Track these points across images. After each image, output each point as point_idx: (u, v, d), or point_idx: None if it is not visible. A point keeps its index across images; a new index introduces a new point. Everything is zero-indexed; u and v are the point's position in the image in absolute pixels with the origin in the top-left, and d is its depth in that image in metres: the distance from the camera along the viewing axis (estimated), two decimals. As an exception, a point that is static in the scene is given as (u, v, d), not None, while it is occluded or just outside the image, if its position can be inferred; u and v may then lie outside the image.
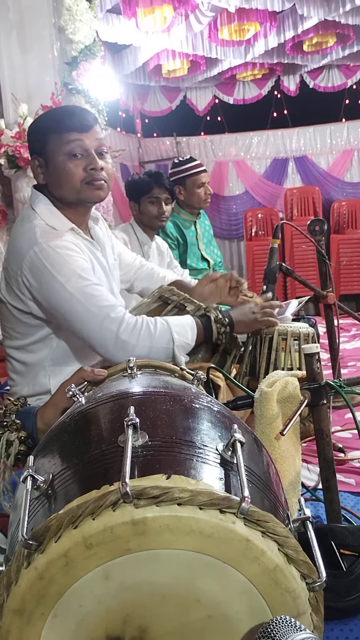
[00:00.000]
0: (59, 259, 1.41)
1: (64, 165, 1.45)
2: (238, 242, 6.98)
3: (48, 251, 1.41)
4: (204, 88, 6.99)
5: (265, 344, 1.66)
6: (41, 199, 1.52)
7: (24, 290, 1.45)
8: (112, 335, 1.40)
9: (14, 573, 0.61)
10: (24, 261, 1.42)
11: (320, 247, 2.17)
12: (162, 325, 1.45)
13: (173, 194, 2.75)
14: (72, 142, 1.44)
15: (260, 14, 4.91)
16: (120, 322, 1.42)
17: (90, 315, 1.41)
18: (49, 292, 1.41)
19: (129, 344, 1.40)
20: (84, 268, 1.45)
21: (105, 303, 1.43)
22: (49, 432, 0.86)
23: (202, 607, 0.63)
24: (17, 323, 1.52)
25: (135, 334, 1.41)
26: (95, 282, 1.46)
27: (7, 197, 3.72)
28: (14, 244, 1.49)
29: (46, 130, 1.47)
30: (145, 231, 2.73)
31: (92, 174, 1.47)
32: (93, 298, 1.41)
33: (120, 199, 6.00)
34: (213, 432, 0.73)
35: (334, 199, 6.52)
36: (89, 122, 1.48)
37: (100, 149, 1.49)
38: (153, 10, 4.54)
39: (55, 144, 1.46)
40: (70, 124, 1.45)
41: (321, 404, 1.19)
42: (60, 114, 1.52)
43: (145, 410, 0.74)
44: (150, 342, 1.42)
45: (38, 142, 1.49)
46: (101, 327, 1.41)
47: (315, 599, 0.67)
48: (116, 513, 0.59)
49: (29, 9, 3.49)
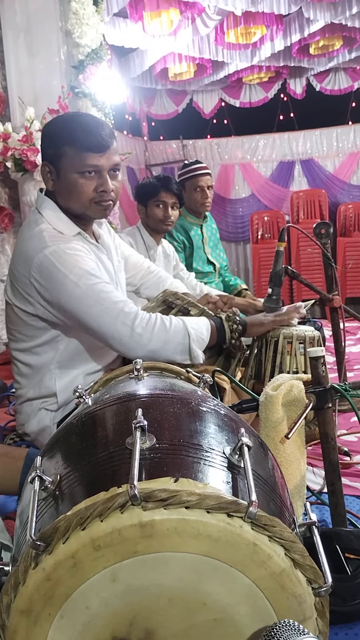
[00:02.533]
0: (69, 259, 1.43)
1: (75, 182, 1.45)
2: (244, 244, 6.98)
3: (59, 252, 1.43)
4: (210, 91, 7.00)
5: (270, 347, 1.66)
6: (48, 203, 1.53)
7: (33, 293, 1.45)
8: (127, 329, 1.42)
9: (22, 573, 0.61)
10: (32, 264, 1.43)
11: (326, 250, 2.17)
12: (178, 322, 1.47)
13: (181, 199, 2.75)
14: (87, 163, 1.44)
15: (267, 17, 4.91)
16: (135, 316, 1.43)
17: (105, 311, 1.42)
18: (60, 292, 1.42)
19: (144, 337, 1.42)
20: (93, 268, 1.47)
21: (118, 299, 1.45)
22: (56, 433, 0.86)
23: (209, 610, 0.63)
24: (23, 325, 1.52)
25: (149, 328, 1.43)
26: (106, 281, 1.48)
27: (13, 200, 3.74)
28: (21, 247, 1.50)
29: (62, 143, 1.46)
30: (152, 235, 2.74)
31: (101, 195, 1.47)
32: (105, 294, 1.43)
33: (127, 202, 6.01)
34: (220, 435, 0.73)
35: (341, 201, 6.50)
36: (106, 142, 1.46)
37: (115, 168, 1.49)
38: (159, 13, 4.55)
39: (69, 160, 1.45)
40: (88, 143, 1.44)
41: (326, 408, 1.19)
42: (79, 129, 1.46)
43: (152, 412, 0.74)
44: (165, 336, 1.43)
45: (52, 151, 1.48)
46: (116, 321, 1.42)
47: (321, 604, 0.67)
48: (124, 515, 0.60)
49: (36, 12, 3.51)
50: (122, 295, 1.49)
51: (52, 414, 1.55)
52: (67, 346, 1.54)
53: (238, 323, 1.56)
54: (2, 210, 3.63)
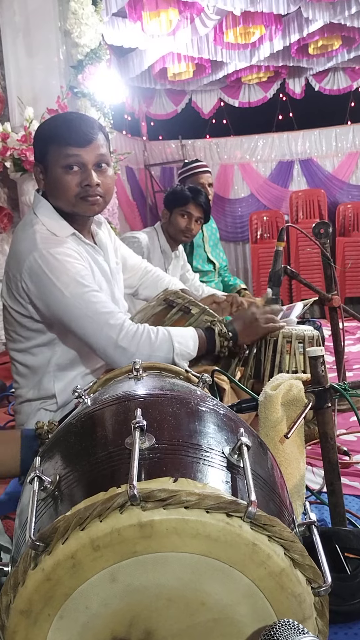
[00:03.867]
0: (58, 266, 1.41)
1: (60, 178, 1.45)
2: (243, 244, 6.99)
3: (47, 257, 1.41)
4: (209, 91, 7.00)
5: (270, 347, 1.66)
6: (43, 204, 1.52)
7: (23, 295, 1.45)
8: (111, 342, 1.41)
9: (21, 574, 0.61)
10: (23, 266, 1.42)
11: (325, 249, 2.17)
12: (164, 334, 1.45)
13: (207, 216, 2.76)
14: (70, 156, 1.43)
15: (266, 17, 4.91)
16: (120, 329, 1.41)
17: (90, 322, 1.41)
18: (48, 298, 1.42)
19: (129, 351, 1.40)
20: (83, 275, 1.44)
21: (104, 310, 1.43)
22: (55, 433, 0.86)
23: (208, 610, 0.63)
24: (19, 326, 1.52)
25: (135, 342, 1.41)
26: (95, 289, 1.45)
27: (13, 200, 3.74)
28: (15, 248, 1.50)
29: (47, 140, 1.47)
30: (168, 241, 2.74)
31: (86, 190, 1.46)
32: (92, 304, 1.41)
33: (126, 203, 6.02)
34: (219, 435, 0.73)
35: (340, 201, 6.51)
36: (89, 135, 1.45)
37: (100, 163, 1.48)
38: (158, 13, 4.55)
39: (54, 156, 1.45)
40: (69, 137, 1.44)
41: (326, 407, 1.19)
42: (61, 125, 1.48)
43: (151, 412, 0.74)
44: (150, 350, 1.41)
45: (39, 150, 1.50)
46: (100, 333, 1.41)
47: (321, 604, 0.67)
48: (123, 515, 0.60)
49: (35, 12, 3.52)
50: (111, 305, 1.47)
51: (51, 414, 1.55)
52: (64, 348, 1.53)
53: (229, 337, 1.54)
54: (1, 211, 3.64)
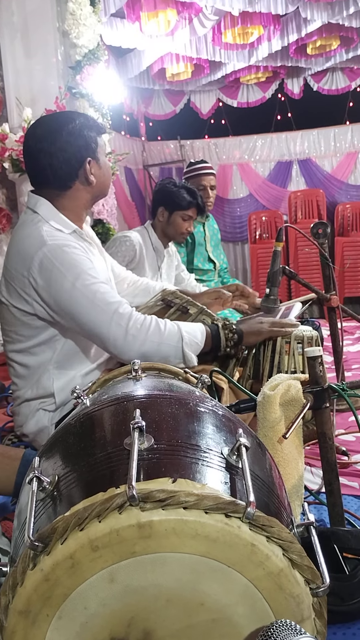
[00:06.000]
0: (67, 258, 1.44)
1: (106, 164, 1.63)
2: (242, 244, 6.98)
3: (57, 251, 1.44)
4: (207, 91, 7.00)
5: (268, 347, 1.66)
6: (43, 202, 1.54)
7: (31, 292, 1.46)
8: (121, 330, 1.42)
9: (20, 574, 0.61)
10: (32, 263, 1.43)
11: (324, 249, 2.17)
12: (172, 325, 1.49)
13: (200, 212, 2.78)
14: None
15: (264, 17, 4.92)
16: (129, 317, 1.44)
17: (99, 312, 1.43)
18: (57, 291, 1.43)
19: (138, 339, 1.42)
20: (90, 267, 1.48)
21: (113, 300, 1.46)
22: (54, 434, 0.86)
23: (207, 610, 0.63)
24: (20, 325, 1.52)
25: (144, 330, 1.43)
26: (101, 281, 1.49)
27: (11, 201, 3.74)
28: (18, 247, 1.50)
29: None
30: (160, 238, 2.74)
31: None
32: (101, 294, 1.44)
33: (125, 202, 6.01)
34: (218, 436, 0.73)
35: (338, 201, 6.51)
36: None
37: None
38: (157, 14, 4.55)
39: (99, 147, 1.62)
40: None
41: (324, 407, 1.19)
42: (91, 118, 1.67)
43: (150, 413, 0.74)
44: (159, 338, 1.44)
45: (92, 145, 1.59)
46: (110, 322, 1.43)
47: (319, 604, 0.67)
48: (122, 516, 0.60)
49: (33, 13, 3.51)
50: (117, 296, 1.50)
51: (50, 414, 1.55)
52: (64, 345, 1.54)
53: (234, 332, 1.56)
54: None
